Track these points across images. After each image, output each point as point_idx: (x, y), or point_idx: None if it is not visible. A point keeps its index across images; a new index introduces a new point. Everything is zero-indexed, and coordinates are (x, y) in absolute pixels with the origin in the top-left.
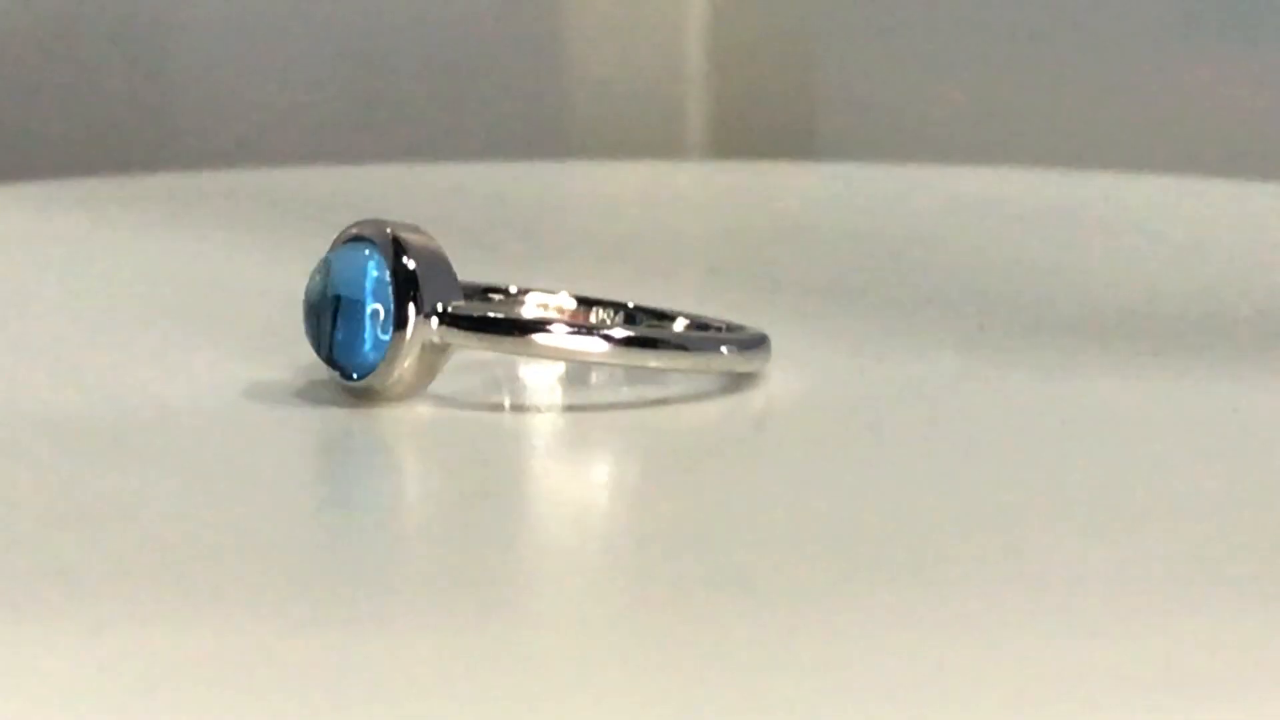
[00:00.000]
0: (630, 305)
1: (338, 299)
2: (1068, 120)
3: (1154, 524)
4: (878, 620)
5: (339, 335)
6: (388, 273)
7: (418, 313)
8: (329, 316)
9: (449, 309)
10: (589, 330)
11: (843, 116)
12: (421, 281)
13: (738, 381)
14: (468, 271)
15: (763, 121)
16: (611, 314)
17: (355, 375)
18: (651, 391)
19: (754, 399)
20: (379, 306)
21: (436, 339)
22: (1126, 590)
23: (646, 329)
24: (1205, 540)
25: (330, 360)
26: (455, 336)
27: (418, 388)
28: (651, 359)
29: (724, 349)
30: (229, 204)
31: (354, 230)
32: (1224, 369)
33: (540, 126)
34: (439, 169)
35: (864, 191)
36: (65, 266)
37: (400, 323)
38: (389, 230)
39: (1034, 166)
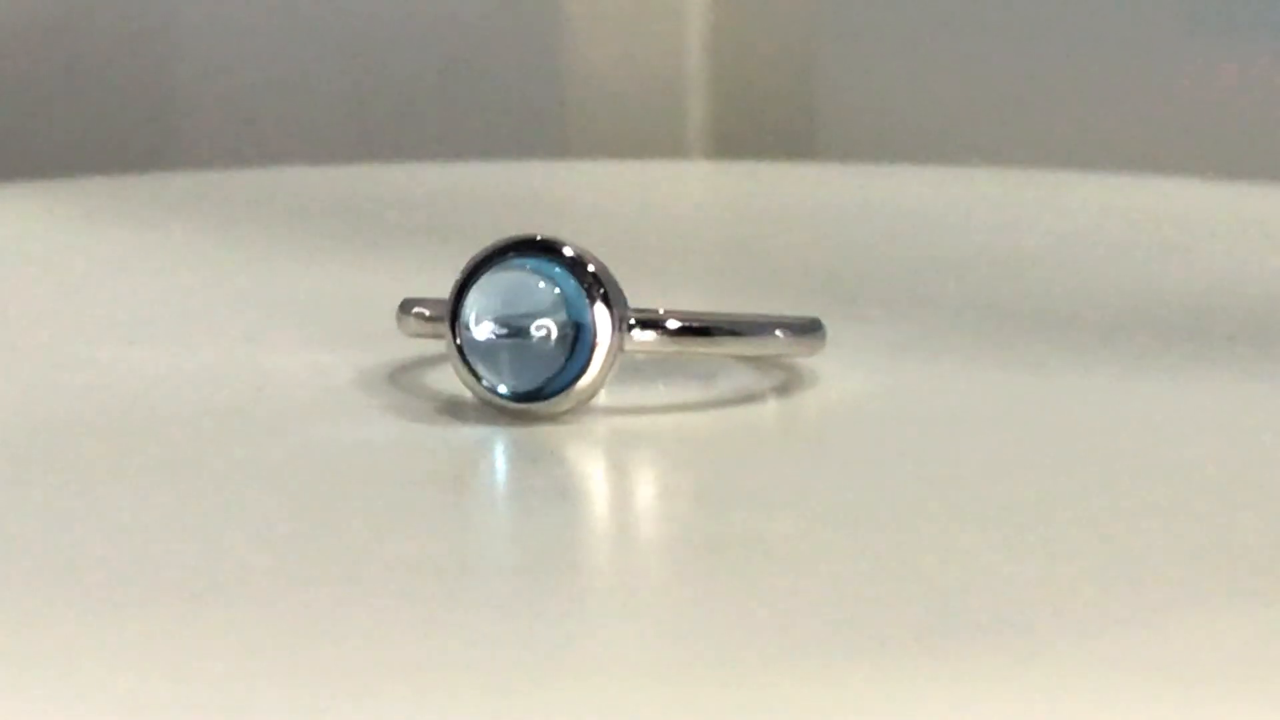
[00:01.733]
0: (660, 311)
1: (577, 326)
2: (1068, 121)
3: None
4: (929, 635)
5: (548, 359)
6: (574, 288)
7: (614, 326)
8: (563, 342)
9: (639, 319)
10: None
11: (843, 117)
12: (611, 294)
13: (762, 381)
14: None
15: (763, 121)
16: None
17: (538, 395)
18: (698, 393)
19: (773, 403)
20: (548, 322)
21: (627, 348)
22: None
23: (705, 317)
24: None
25: (528, 387)
26: (641, 345)
27: (592, 401)
28: (713, 346)
29: (779, 333)
30: (229, 204)
31: (507, 247)
32: (1238, 370)
33: (540, 126)
34: (439, 168)
35: (864, 192)
36: (75, 268)
37: (599, 338)
38: (562, 245)
39: (1034, 167)
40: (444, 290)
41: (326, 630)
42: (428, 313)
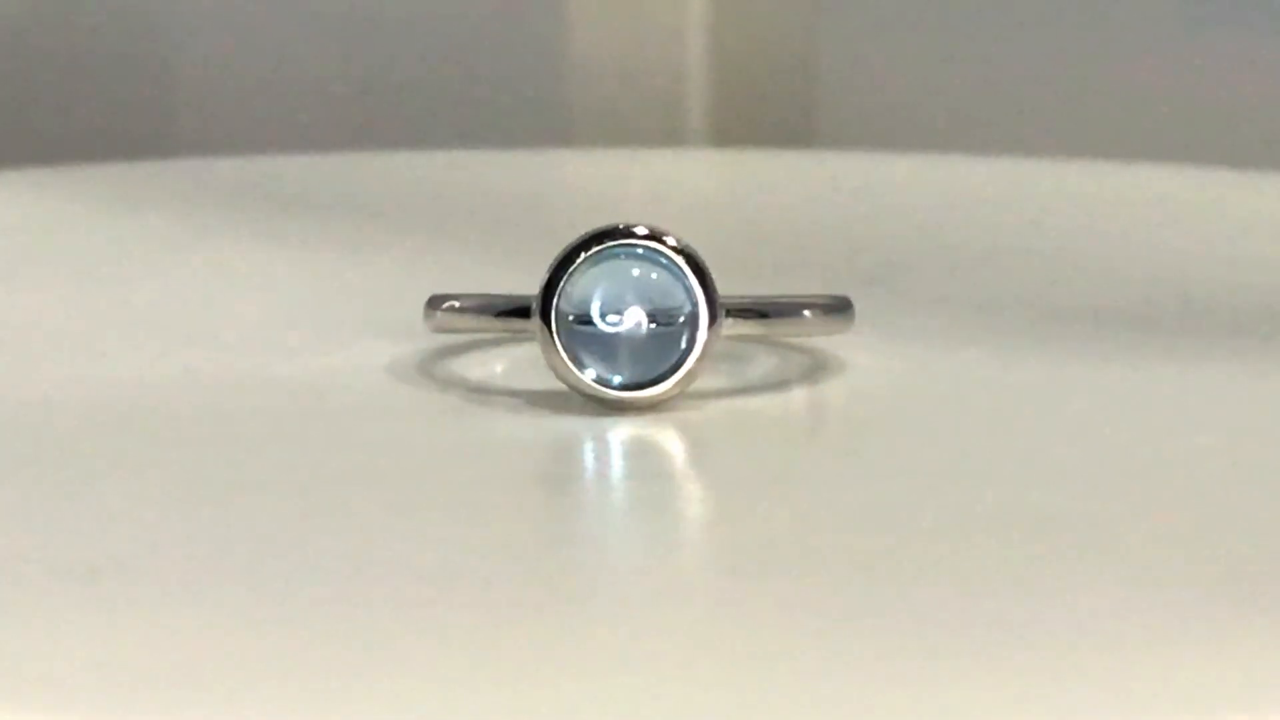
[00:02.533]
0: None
1: (687, 314)
2: (1069, 110)
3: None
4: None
5: (652, 348)
6: (678, 274)
7: (716, 312)
8: (677, 331)
9: (730, 304)
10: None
11: (843, 105)
12: (709, 280)
13: (789, 364)
14: (471, 259)
15: (763, 109)
16: None
17: (643, 384)
18: (735, 377)
19: (813, 389)
20: (662, 311)
21: (725, 333)
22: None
23: (736, 299)
24: None
25: (639, 377)
26: (738, 328)
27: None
28: (746, 328)
29: (807, 313)
30: (229, 193)
31: (600, 235)
32: (1232, 359)
33: (542, 114)
34: (441, 156)
35: (864, 180)
36: (76, 259)
37: (703, 324)
38: (661, 233)
39: (1034, 156)
40: (459, 282)
41: (441, 630)
42: (459, 304)
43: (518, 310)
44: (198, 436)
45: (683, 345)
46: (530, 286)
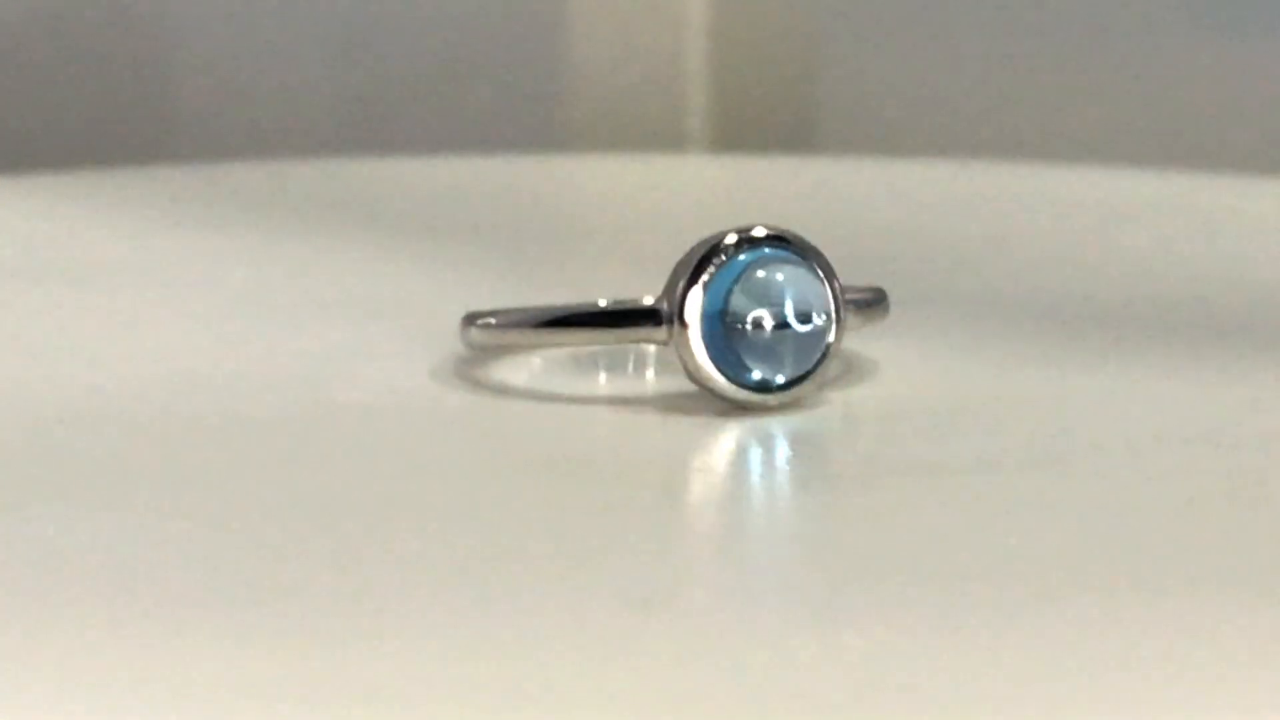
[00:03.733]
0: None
1: (826, 313)
2: (1070, 115)
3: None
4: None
5: (794, 348)
6: (813, 273)
7: (843, 310)
8: (822, 329)
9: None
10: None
11: (844, 110)
12: (837, 277)
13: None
14: (469, 262)
15: (763, 115)
16: None
17: (789, 384)
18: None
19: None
20: (764, 312)
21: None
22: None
23: None
24: None
25: (789, 375)
26: (851, 325)
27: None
28: (857, 323)
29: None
30: (227, 197)
31: (726, 242)
32: (1221, 366)
33: (541, 119)
34: (439, 162)
35: (865, 186)
36: (73, 268)
37: (833, 325)
38: (790, 235)
39: (1036, 161)
40: (466, 287)
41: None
42: (494, 321)
43: (568, 319)
44: (249, 458)
45: (826, 342)
46: (544, 292)
